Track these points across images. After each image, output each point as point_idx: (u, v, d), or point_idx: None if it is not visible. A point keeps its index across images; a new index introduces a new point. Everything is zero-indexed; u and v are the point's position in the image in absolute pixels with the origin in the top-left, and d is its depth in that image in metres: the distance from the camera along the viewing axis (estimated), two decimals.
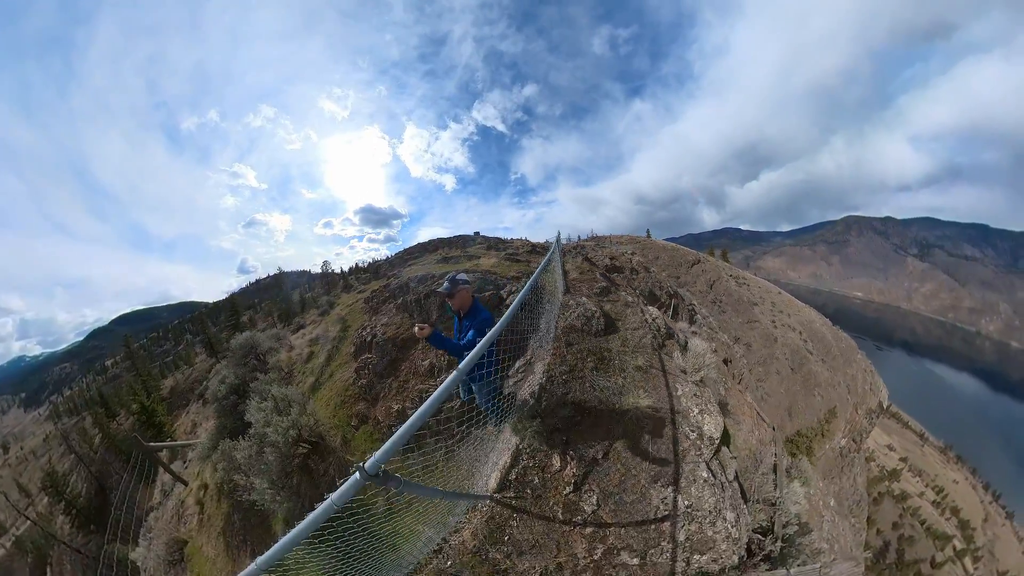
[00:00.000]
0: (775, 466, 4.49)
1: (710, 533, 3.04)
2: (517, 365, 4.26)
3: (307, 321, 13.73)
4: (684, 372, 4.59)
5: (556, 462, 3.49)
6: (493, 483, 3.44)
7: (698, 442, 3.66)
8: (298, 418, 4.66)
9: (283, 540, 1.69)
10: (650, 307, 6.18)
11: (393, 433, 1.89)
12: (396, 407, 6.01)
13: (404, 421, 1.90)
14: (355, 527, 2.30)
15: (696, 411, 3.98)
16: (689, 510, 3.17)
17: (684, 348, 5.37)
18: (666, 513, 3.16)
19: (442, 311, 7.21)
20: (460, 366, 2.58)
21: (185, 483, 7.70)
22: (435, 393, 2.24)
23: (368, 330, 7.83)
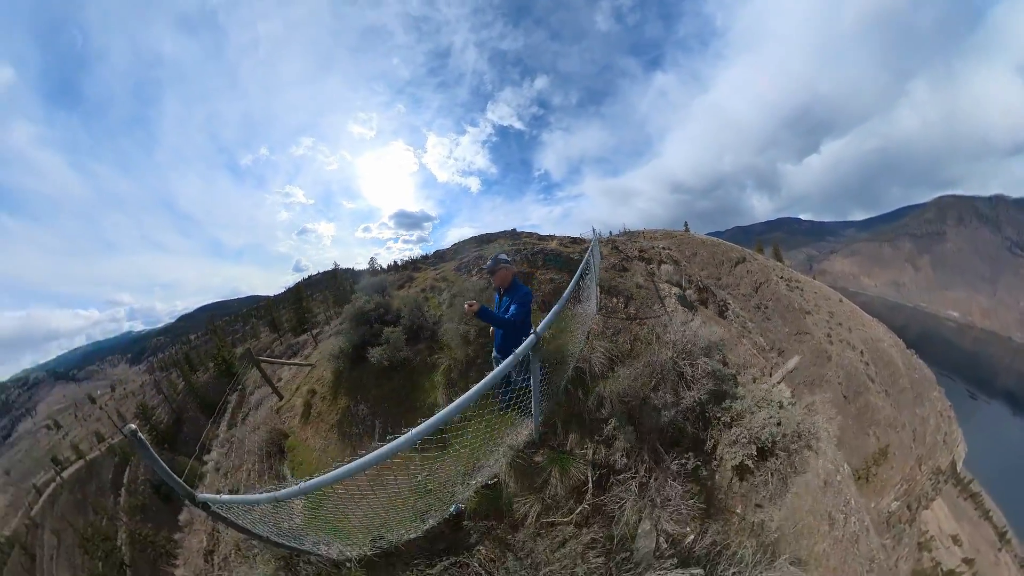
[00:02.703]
0: (763, 370, 7.57)
1: (690, 332, 5.43)
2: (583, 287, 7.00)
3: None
4: (664, 283, 9.10)
5: (614, 300, 7.37)
6: (598, 306, 6.65)
7: (668, 294, 8.13)
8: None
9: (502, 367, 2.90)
10: (649, 265, 10.35)
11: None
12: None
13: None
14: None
15: (667, 289, 8.48)
16: (672, 314, 7.13)
17: (659, 271, 9.96)
18: (662, 314, 7.02)
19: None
20: (518, 350, 3.04)
21: (281, 396, 8.42)
22: (493, 373, 2.84)
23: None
